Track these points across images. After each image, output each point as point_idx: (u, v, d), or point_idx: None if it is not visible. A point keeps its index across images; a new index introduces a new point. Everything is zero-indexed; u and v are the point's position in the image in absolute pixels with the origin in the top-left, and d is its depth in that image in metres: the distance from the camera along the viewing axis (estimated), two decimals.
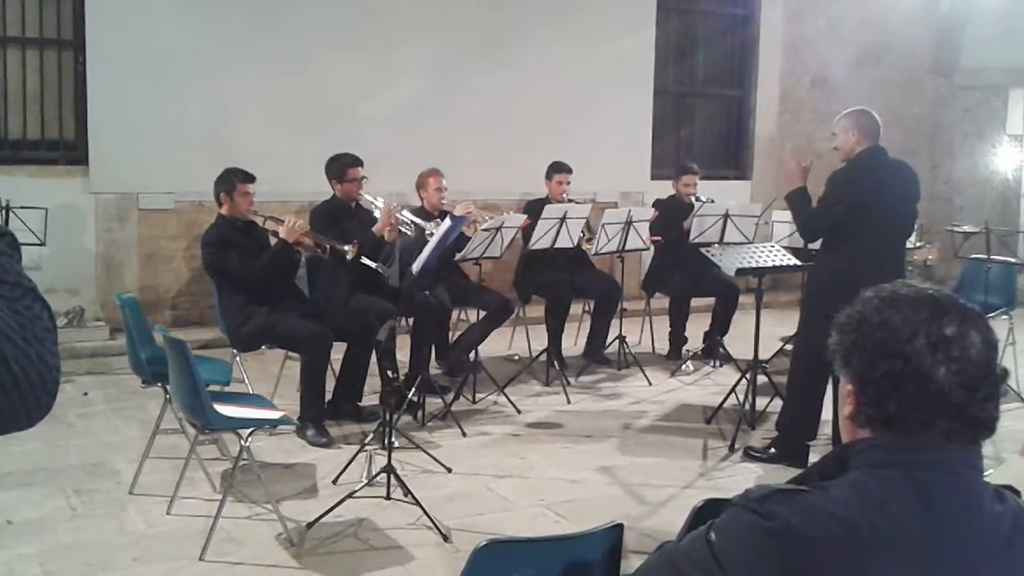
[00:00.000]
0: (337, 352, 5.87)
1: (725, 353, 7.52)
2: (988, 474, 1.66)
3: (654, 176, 9.78)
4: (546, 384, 6.87)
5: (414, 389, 5.96)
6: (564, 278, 7.24)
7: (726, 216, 7.22)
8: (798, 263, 6.11)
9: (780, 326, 8.01)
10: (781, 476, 3.40)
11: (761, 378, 6.02)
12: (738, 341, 7.43)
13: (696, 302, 7.92)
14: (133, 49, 7.75)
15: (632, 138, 9.81)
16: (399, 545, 4.25)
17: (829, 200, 5.13)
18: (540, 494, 4.90)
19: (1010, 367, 1.64)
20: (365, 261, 5.87)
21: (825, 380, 5.18)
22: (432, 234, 5.82)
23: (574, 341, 7.75)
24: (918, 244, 7.73)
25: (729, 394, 6.16)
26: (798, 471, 1.68)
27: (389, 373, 5.09)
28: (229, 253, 5.65)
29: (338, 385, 6.00)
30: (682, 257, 7.40)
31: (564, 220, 6.75)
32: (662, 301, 7.96)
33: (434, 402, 6.03)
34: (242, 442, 4.25)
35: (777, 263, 5.94)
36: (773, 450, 5.43)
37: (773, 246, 6.16)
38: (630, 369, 7.30)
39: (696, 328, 7.86)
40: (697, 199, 7.56)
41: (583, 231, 7.05)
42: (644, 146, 9.96)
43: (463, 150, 8.49)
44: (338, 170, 6.25)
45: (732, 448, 5.62)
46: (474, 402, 6.35)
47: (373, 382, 5.99)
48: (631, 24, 9.72)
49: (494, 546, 2.05)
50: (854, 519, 1.42)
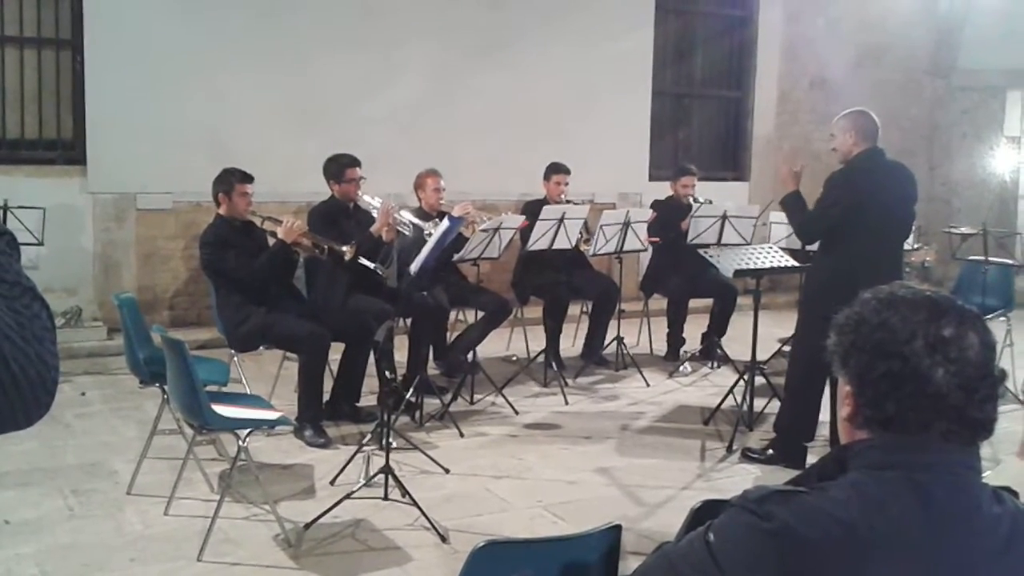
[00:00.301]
0: (335, 352, 5.87)
1: (723, 354, 7.51)
2: (986, 475, 1.66)
3: (652, 177, 9.79)
4: (544, 385, 6.87)
5: (412, 390, 5.96)
6: (562, 279, 7.23)
7: (724, 217, 7.22)
8: (796, 264, 6.11)
9: (778, 327, 8.01)
10: (779, 477, 3.41)
11: (759, 379, 6.02)
12: (736, 342, 7.43)
13: (694, 303, 7.93)
14: (131, 49, 7.74)
15: (630, 139, 9.81)
16: (397, 546, 4.25)
17: (827, 202, 5.13)
18: (538, 495, 4.90)
19: (1008, 369, 1.64)
20: (363, 262, 5.86)
21: (823, 381, 5.18)
22: (430, 235, 5.81)
23: (572, 342, 7.75)
24: (916, 245, 7.74)
25: (727, 395, 6.16)
26: (796, 472, 1.68)
27: (387, 374, 5.09)
28: (227, 253, 5.65)
29: (336, 386, 6.00)
30: (680, 258, 7.39)
31: (562, 221, 6.75)
32: (660, 302, 7.96)
33: (432, 403, 6.02)
34: (240, 442, 4.25)
35: (775, 264, 5.94)
36: (771, 451, 5.43)
37: (771, 247, 6.16)
38: (628, 370, 7.29)
39: (694, 329, 7.86)
40: (695, 200, 7.56)
41: (581, 232, 7.05)
42: (642, 147, 9.97)
43: (462, 150, 8.49)
44: (336, 170, 6.25)
45: (730, 449, 5.62)
46: (472, 403, 6.35)
47: (371, 383, 5.98)
48: (629, 25, 9.72)
49: (492, 547, 2.05)
50: (853, 520, 1.42)
